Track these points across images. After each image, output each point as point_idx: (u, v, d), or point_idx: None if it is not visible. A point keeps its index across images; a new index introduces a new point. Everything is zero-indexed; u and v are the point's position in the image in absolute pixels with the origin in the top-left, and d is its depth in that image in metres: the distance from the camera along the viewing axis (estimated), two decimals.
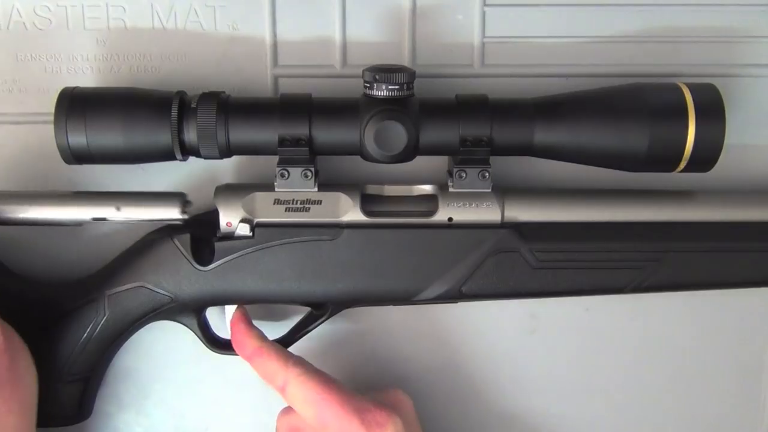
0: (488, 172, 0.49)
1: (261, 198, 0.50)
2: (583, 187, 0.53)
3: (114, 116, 0.47)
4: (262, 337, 0.51)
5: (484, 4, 0.52)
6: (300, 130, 0.47)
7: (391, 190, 0.52)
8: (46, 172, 0.54)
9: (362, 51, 0.53)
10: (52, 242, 0.55)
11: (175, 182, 0.54)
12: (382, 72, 0.47)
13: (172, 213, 0.49)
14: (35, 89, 0.53)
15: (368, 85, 0.47)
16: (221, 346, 0.53)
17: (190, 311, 0.52)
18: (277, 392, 0.49)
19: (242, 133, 0.48)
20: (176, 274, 0.50)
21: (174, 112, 0.47)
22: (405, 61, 0.53)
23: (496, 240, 0.49)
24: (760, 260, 0.50)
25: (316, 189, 0.49)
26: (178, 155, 0.48)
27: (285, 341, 0.53)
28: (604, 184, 0.52)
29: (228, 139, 0.48)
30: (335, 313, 0.53)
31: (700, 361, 0.59)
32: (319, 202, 0.49)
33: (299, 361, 0.49)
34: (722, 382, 0.60)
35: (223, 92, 0.49)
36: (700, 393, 0.60)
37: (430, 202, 0.50)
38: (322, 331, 0.53)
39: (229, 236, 0.50)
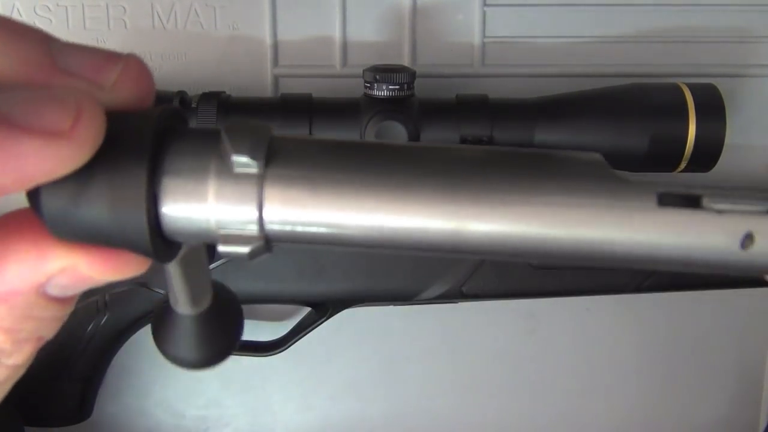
0: None
1: None
2: None
3: None
4: None
5: (484, 4, 0.52)
6: (300, 130, 0.47)
7: None
8: None
9: (362, 51, 0.53)
10: None
11: None
12: (383, 72, 0.47)
13: None
14: None
15: (369, 85, 0.47)
16: None
17: None
18: None
19: None
20: None
21: None
22: (405, 61, 0.53)
23: None
24: None
25: None
26: None
27: (285, 341, 0.53)
28: None
29: None
30: (335, 313, 0.53)
31: (700, 361, 0.59)
32: None
33: None
34: (722, 382, 0.60)
35: (224, 92, 0.49)
36: (700, 393, 0.60)
37: None
38: (322, 331, 0.53)
39: None
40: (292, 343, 0.53)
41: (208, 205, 0.19)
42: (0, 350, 0.21)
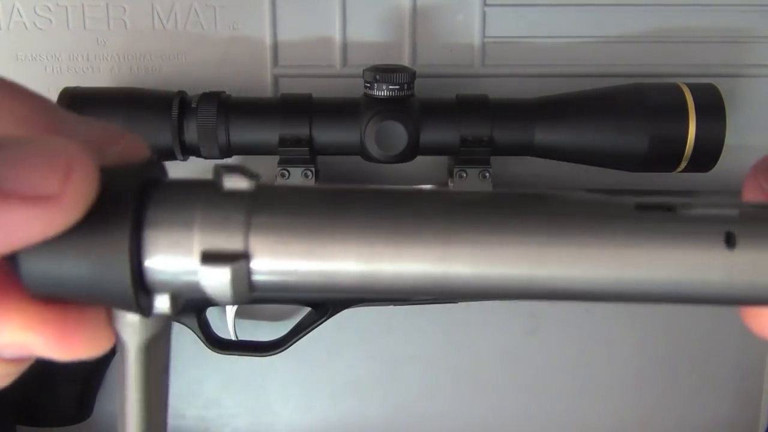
0: (489, 172, 0.49)
1: None
2: (581, 187, 0.53)
3: (114, 116, 0.47)
4: None
5: (484, 4, 0.52)
6: (300, 130, 0.47)
7: None
8: None
9: (362, 51, 0.53)
10: None
11: None
12: (383, 72, 0.47)
13: None
14: (35, 89, 0.53)
15: (369, 85, 0.47)
16: (221, 346, 0.53)
17: (191, 311, 0.52)
18: None
19: (243, 133, 0.48)
20: None
21: (174, 112, 0.47)
22: (405, 61, 0.53)
23: None
24: None
25: None
26: (179, 155, 0.48)
27: (285, 341, 0.53)
28: (604, 184, 0.53)
29: (228, 139, 0.48)
30: (335, 313, 0.53)
31: (700, 361, 0.59)
32: None
33: None
34: (722, 382, 0.60)
35: (224, 92, 0.49)
36: (700, 393, 0.60)
37: None
38: (322, 331, 0.53)
39: None
40: (292, 343, 0.53)
41: (193, 258, 0.18)
42: None
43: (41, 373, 0.50)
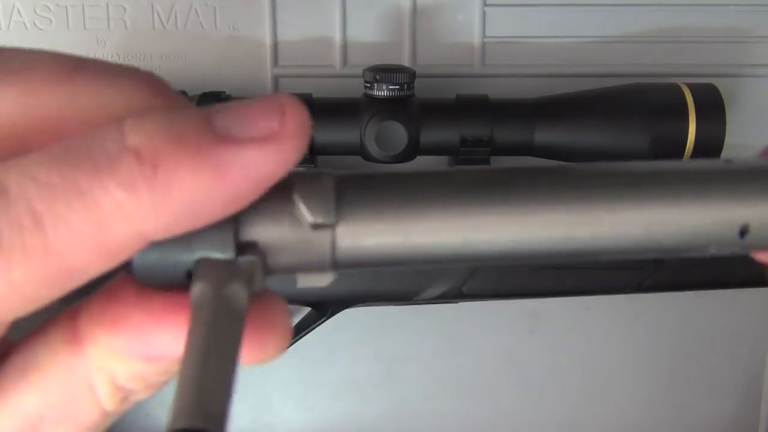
0: None
1: None
2: None
3: None
4: None
5: (484, 4, 0.52)
6: None
7: None
8: None
9: (362, 51, 0.53)
10: None
11: None
12: (383, 72, 0.47)
13: None
14: None
15: (368, 85, 0.47)
16: None
17: None
18: None
19: None
20: None
21: None
22: (405, 61, 0.53)
23: None
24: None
25: None
26: None
27: None
28: None
29: None
30: (335, 313, 0.53)
31: (700, 361, 0.59)
32: None
33: None
34: (722, 382, 0.60)
35: (224, 92, 0.49)
36: (700, 393, 0.60)
37: None
38: (322, 331, 0.53)
39: None
40: (292, 343, 0.53)
41: (286, 247, 0.21)
42: (132, 392, 0.22)
43: None
